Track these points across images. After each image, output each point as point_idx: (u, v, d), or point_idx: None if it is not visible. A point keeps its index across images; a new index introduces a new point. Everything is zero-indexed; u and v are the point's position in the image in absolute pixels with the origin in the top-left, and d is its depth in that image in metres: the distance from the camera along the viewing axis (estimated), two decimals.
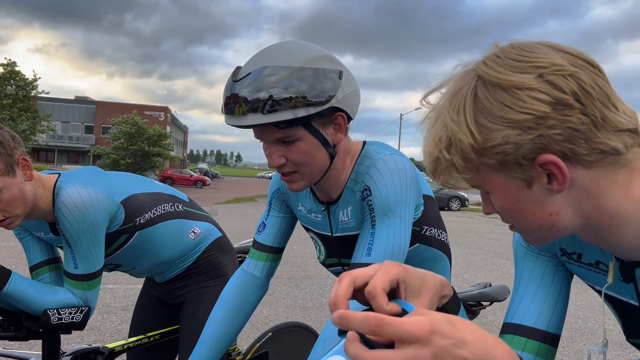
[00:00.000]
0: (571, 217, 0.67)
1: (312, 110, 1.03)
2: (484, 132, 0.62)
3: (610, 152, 0.63)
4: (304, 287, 6.03)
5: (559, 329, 0.87)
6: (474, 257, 8.98)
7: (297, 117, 1.02)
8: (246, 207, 18.25)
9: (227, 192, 29.15)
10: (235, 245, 2.10)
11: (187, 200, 1.83)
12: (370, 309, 0.55)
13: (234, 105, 1.04)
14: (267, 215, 1.44)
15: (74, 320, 1.49)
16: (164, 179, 36.39)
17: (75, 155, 50.98)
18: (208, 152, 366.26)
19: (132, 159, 31.35)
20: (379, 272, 0.56)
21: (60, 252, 1.66)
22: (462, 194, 25.52)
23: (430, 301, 0.61)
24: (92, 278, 1.49)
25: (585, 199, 0.65)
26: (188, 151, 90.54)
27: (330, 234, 1.33)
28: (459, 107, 0.64)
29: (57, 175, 1.51)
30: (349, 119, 1.15)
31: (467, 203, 25.10)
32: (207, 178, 39.40)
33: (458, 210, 23.83)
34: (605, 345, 0.78)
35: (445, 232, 1.37)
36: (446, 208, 23.50)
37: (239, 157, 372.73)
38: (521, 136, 0.61)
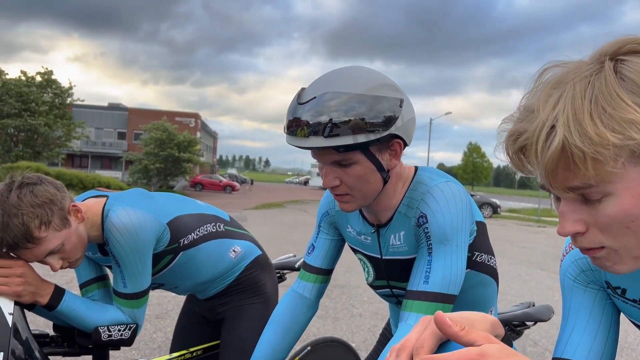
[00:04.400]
0: None
1: (372, 137, 1.07)
2: None
3: None
4: (334, 297, 6.04)
5: None
6: (506, 266, 8.83)
7: (357, 142, 1.05)
8: (275, 214, 18.36)
9: (256, 198, 29.38)
10: (273, 262, 2.13)
11: (228, 220, 1.87)
12: None
13: (296, 128, 1.08)
14: (317, 237, 1.47)
15: (123, 337, 1.54)
16: (194, 184, 36.96)
17: (108, 161, 52.02)
18: (237, 158, 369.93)
19: (162, 164, 31.87)
20: (425, 333, 0.57)
21: (107, 271, 1.72)
22: (494, 200, 25.15)
23: None
24: (140, 297, 1.54)
25: None
26: (217, 156, 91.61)
27: (379, 256, 1.34)
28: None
29: (105, 197, 1.56)
30: (405, 145, 1.18)
31: (499, 210, 24.73)
32: (236, 183, 39.82)
33: (490, 217, 23.50)
34: None
35: (494, 257, 1.38)
36: None
37: (267, 163, 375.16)
38: None
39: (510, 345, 0.69)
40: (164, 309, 5.10)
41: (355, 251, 1.43)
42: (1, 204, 1.28)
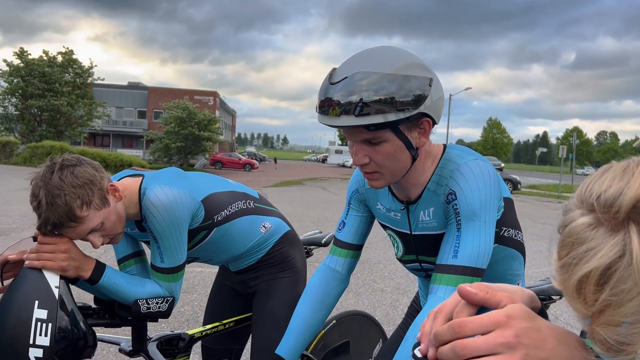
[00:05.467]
0: None
1: (402, 116, 1.09)
2: None
3: None
4: (355, 272, 6.10)
5: None
6: (528, 242, 8.78)
7: (387, 121, 1.08)
8: (294, 191, 18.48)
9: (275, 176, 29.54)
10: (301, 237, 2.19)
11: (258, 197, 1.93)
12: None
13: (328, 108, 1.12)
14: (347, 214, 1.52)
15: (160, 309, 1.61)
16: (214, 162, 37.27)
17: (129, 140, 52.50)
18: (255, 135, 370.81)
19: (183, 143, 32.12)
20: (462, 303, 0.60)
21: (144, 246, 1.79)
22: (515, 176, 24.91)
23: None
24: (176, 271, 1.61)
25: None
26: (236, 134, 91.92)
27: (409, 232, 1.38)
28: None
29: (141, 176, 1.62)
30: (434, 123, 1.20)
31: (519, 186, 24.48)
32: (255, 161, 40.00)
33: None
34: None
35: (521, 231, 1.41)
36: None
37: (285, 140, 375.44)
38: None
39: (546, 317, 0.73)
40: (190, 283, 5.23)
41: (385, 227, 1.47)
42: (44, 185, 1.35)
